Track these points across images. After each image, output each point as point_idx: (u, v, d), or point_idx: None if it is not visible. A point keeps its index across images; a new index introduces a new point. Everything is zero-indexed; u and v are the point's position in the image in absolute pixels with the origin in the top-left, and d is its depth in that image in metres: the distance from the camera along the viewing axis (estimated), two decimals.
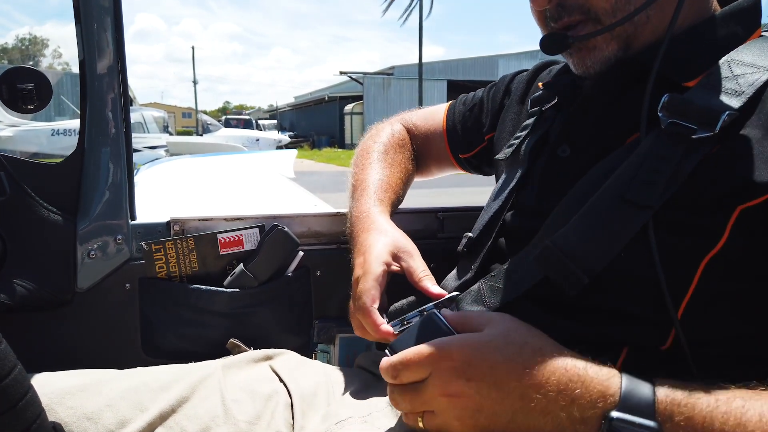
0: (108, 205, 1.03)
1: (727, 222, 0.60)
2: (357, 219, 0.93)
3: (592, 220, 0.65)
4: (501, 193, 0.84)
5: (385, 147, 1.10)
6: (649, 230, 0.61)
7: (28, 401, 0.54)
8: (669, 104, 0.65)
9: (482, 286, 0.74)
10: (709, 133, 0.61)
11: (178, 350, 1.05)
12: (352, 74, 28.55)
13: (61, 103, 16.08)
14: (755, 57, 0.66)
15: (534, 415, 0.55)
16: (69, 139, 11.07)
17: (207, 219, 1.09)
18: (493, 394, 0.55)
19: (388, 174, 1.03)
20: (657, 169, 0.62)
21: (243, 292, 1.07)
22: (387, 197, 0.98)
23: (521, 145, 0.85)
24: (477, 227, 0.86)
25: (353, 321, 0.81)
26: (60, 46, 46.94)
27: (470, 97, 1.13)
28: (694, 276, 0.60)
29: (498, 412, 0.56)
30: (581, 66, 0.75)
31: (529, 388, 0.55)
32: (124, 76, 1.02)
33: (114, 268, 1.04)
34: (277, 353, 0.94)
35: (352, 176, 1.06)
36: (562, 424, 0.54)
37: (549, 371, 0.55)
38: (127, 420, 0.72)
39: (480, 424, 0.56)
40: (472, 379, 0.56)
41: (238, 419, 0.75)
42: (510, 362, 0.56)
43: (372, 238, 0.86)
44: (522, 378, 0.55)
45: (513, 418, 0.55)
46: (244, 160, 4.79)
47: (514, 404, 0.55)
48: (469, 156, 1.11)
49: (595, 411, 0.53)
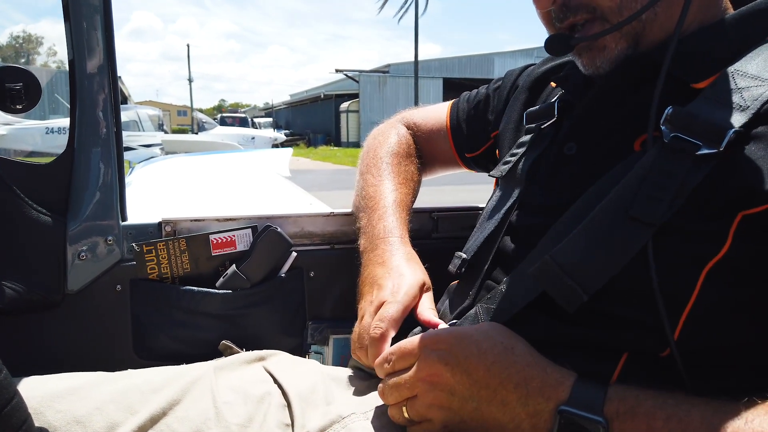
0: (98, 206, 1.02)
1: (729, 228, 0.59)
2: (383, 242, 0.91)
3: (594, 236, 0.64)
4: (496, 212, 0.83)
5: (398, 159, 1.08)
6: (648, 245, 0.61)
7: (14, 407, 0.53)
8: (673, 117, 0.64)
9: (479, 310, 0.74)
10: (714, 150, 0.60)
11: (170, 352, 1.04)
12: (348, 72, 28.52)
13: (56, 101, 16.00)
14: (760, 68, 0.64)
15: (495, 405, 0.61)
16: (63, 138, 10.96)
17: (199, 220, 1.08)
18: (464, 380, 0.62)
19: (405, 192, 1.03)
20: (661, 185, 0.61)
21: (236, 294, 1.06)
22: (406, 220, 0.98)
23: (518, 163, 0.84)
24: (471, 248, 0.85)
25: (360, 339, 0.79)
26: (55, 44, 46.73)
27: (473, 94, 1.11)
28: (696, 283, 0.60)
29: (467, 398, 0.62)
30: (591, 66, 0.74)
31: (493, 379, 0.61)
32: (114, 76, 1.01)
33: (105, 270, 1.03)
34: (270, 354, 0.94)
35: (364, 183, 1.04)
36: (518, 417, 0.60)
37: (511, 367, 0.61)
38: (117, 423, 0.72)
39: (453, 406, 0.63)
40: (449, 364, 0.63)
41: (230, 422, 0.74)
42: (482, 355, 0.62)
43: (405, 266, 0.85)
44: (489, 369, 0.61)
45: (478, 407, 0.62)
46: (240, 158, 4.78)
47: (480, 393, 0.61)
48: (476, 155, 1.09)
49: (548, 404, 0.58)
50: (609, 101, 0.75)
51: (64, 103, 15.09)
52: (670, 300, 0.60)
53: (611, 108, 0.74)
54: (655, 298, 0.60)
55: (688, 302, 0.60)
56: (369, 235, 0.94)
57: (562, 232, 0.68)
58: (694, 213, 0.60)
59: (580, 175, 0.72)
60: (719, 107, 0.63)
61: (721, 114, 0.62)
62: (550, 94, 0.91)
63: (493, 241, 0.81)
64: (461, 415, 0.63)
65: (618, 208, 0.63)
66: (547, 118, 0.84)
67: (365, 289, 0.86)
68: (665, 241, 0.61)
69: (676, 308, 0.60)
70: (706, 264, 0.60)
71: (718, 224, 0.59)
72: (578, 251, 0.64)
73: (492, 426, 0.62)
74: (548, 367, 0.61)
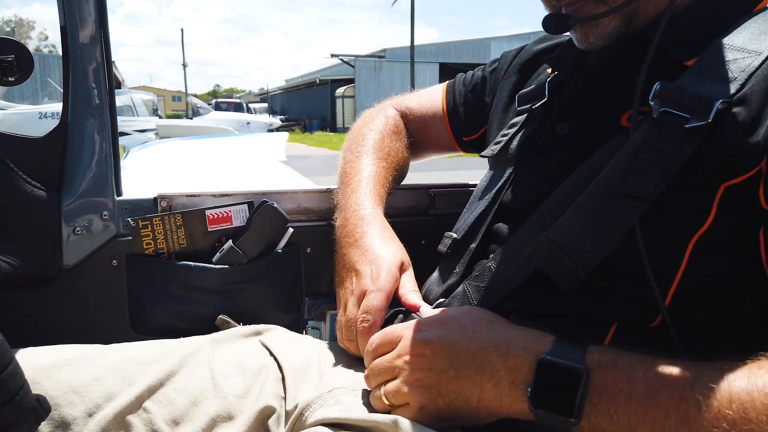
0: (93, 180, 1.02)
1: (713, 201, 0.60)
2: (354, 215, 0.90)
3: (588, 214, 0.64)
4: (487, 192, 0.83)
5: (381, 135, 1.06)
6: (636, 219, 0.61)
7: (10, 373, 0.53)
8: (661, 93, 0.64)
9: (467, 288, 0.75)
10: (703, 122, 0.61)
11: (166, 327, 1.04)
12: (344, 57, 28.32)
13: (49, 86, 15.85)
14: (747, 40, 0.65)
15: (474, 367, 0.61)
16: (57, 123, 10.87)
17: (194, 195, 1.08)
18: (443, 351, 0.62)
19: (384, 167, 1.00)
20: (652, 160, 0.62)
21: (232, 269, 1.06)
22: (382, 194, 0.96)
23: (510, 143, 0.84)
24: (461, 227, 0.85)
25: (348, 330, 0.79)
26: (46, 28, 46.13)
27: (469, 76, 1.10)
28: (683, 256, 0.61)
29: (445, 368, 0.62)
30: (584, 41, 0.74)
31: (473, 344, 0.62)
32: (107, 46, 0.99)
33: (100, 245, 1.03)
34: (267, 329, 0.94)
35: (343, 161, 1.03)
36: (498, 375, 0.60)
37: (492, 332, 0.62)
38: (114, 393, 0.72)
39: (431, 382, 0.62)
40: (429, 341, 0.64)
41: (227, 393, 0.75)
42: (463, 328, 0.64)
43: (381, 246, 0.83)
44: (469, 338, 0.62)
45: (456, 374, 0.62)
46: (235, 142, 4.75)
47: (459, 359, 0.62)
48: (473, 138, 1.08)
49: (528, 357, 0.59)
50: (600, 79, 0.75)
51: (57, 88, 14.95)
52: (658, 273, 0.61)
53: (602, 86, 0.75)
54: (644, 271, 0.61)
55: (676, 275, 0.61)
56: (342, 210, 0.93)
57: (554, 210, 0.69)
58: (680, 187, 0.61)
59: (573, 155, 0.73)
60: (707, 80, 0.63)
61: (709, 86, 0.63)
62: (542, 75, 0.91)
63: (483, 220, 0.81)
64: (438, 388, 0.62)
65: (610, 185, 0.64)
66: (538, 98, 0.84)
67: (342, 273, 0.85)
68: (652, 216, 0.61)
69: (664, 281, 0.61)
70: (691, 237, 0.60)
71: (701, 197, 0.60)
72: (574, 230, 0.64)
73: (470, 393, 0.61)
74: (528, 330, 0.63)
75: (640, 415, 0.53)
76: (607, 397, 0.55)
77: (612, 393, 0.55)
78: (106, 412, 0.70)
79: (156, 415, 0.71)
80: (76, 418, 0.69)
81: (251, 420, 0.73)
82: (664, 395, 0.53)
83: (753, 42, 0.64)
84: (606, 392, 0.55)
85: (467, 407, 0.62)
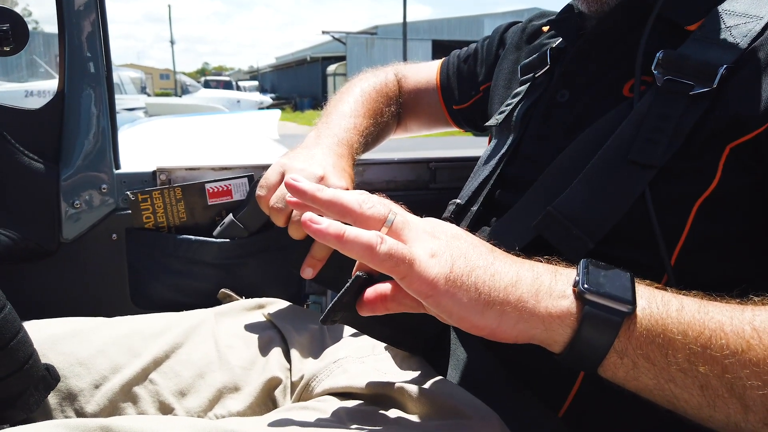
0: (91, 153, 1.00)
1: (718, 163, 0.60)
2: (326, 126, 0.95)
3: (595, 184, 0.64)
4: (491, 159, 0.83)
5: (373, 93, 1.08)
6: (645, 186, 0.61)
7: (20, 341, 0.52)
8: (664, 61, 0.64)
9: None
10: (707, 88, 0.61)
11: (167, 301, 1.04)
12: (335, 34, 27.95)
13: (34, 63, 15.53)
14: (747, 6, 0.65)
15: (509, 259, 0.51)
16: (44, 102, 10.70)
17: (194, 168, 1.07)
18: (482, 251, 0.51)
19: (365, 125, 1.01)
20: (658, 127, 0.62)
21: (233, 243, 1.05)
22: (353, 138, 0.96)
23: (513, 111, 0.83)
24: (465, 194, 0.85)
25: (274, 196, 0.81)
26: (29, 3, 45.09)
27: (464, 50, 1.12)
28: (687, 219, 0.61)
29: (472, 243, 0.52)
30: (587, 4, 0.74)
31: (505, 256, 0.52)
32: (103, 15, 0.97)
33: (99, 219, 1.02)
34: (270, 302, 0.94)
35: (325, 108, 1.05)
36: (536, 266, 0.51)
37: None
38: (120, 365, 0.72)
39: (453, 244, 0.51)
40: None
41: (233, 364, 0.75)
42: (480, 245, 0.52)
43: (321, 159, 0.86)
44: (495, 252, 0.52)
45: (492, 252, 0.51)
46: (228, 120, 4.71)
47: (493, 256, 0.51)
48: (464, 107, 1.09)
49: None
50: (600, 46, 0.75)
51: (42, 65, 14.67)
52: (664, 237, 0.61)
53: (602, 53, 0.74)
54: (652, 238, 0.60)
55: (680, 239, 0.61)
56: (316, 124, 0.97)
57: (556, 178, 0.69)
58: (686, 151, 0.61)
59: (572, 122, 0.73)
60: (710, 46, 0.63)
61: (712, 53, 0.63)
62: (543, 45, 0.91)
63: (484, 186, 0.81)
64: (461, 251, 0.50)
65: (617, 154, 0.63)
66: (540, 67, 0.84)
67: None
68: (659, 182, 0.61)
69: (670, 244, 0.61)
70: (697, 199, 0.60)
71: (706, 159, 0.60)
72: (581, 200, 0.64)
73: (501, 267, 0.50)
74: None
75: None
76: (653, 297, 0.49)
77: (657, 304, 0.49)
78: (113, 384, 0.70)
79: (162, 387, 0.71)
80: (82, 390, 0.69)
81: (257, 391, 0.73)
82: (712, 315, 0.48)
83: (754, 7, 0.65)
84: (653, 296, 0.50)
85: (493, 285, 0.48)
